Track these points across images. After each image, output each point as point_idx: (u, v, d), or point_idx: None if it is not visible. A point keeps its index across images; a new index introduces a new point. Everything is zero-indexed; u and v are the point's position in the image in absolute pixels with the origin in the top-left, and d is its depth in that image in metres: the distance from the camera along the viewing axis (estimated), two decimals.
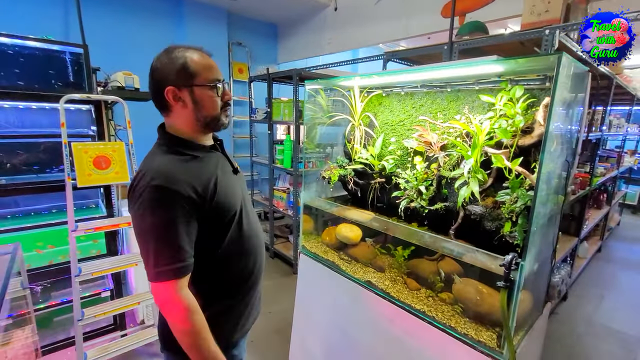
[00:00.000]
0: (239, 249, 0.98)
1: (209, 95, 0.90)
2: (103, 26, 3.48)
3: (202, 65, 0.90)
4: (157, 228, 0.79)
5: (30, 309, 1.25)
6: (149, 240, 0.80)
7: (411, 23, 3.28)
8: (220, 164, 0.98)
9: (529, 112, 1.29)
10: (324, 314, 1.82)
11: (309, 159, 2.84)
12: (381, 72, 1.45)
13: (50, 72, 1.87)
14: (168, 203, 0.79)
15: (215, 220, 0.90)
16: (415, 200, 1.60)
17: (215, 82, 0.91)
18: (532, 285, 1.29)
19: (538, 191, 1.04)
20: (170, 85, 0.87)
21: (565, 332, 2.51)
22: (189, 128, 0.93)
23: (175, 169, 0.85)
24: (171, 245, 0.80)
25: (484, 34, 1.79)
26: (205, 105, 0.91)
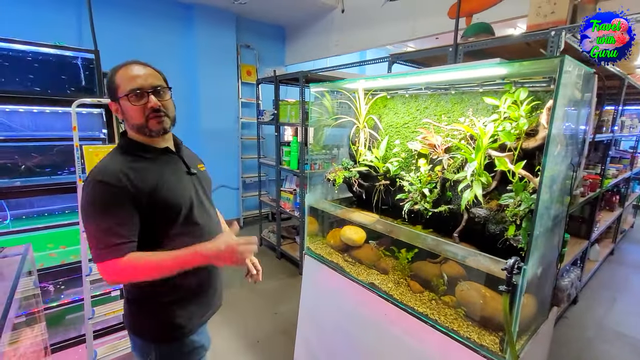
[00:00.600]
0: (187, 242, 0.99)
1: (129, 106, 0.96)
2: (115, 32, 3.57)
3: (123, 78, 0.96)
4: (98, 216, 0.89)
5: (40, 308, 1.29)
6: (90, 227, 0.89)
7: (418, 24, 3.27)
8: (171, 164, 1.06)
9: (533, 114, 1.28)
10: (328, 315, 1.84)
11: (315, 161, 2.85)
12: (385, 74, 1.45)
13: (64, 77, 1.93)
14: (105, 193, 0.88)
15: (158, 212, 0.97)
16: (419, 203, 1.60)
17: (130, 92, 0.94)
18: (536, 289, 1.28)
19: (541, 194, 1.03)
20: (110, 100, 1.00)
21: (575, 336, 2.46)
22: (135, 134, 1.01)
23: (117, 165, 0.93)
24: (110, 230, 0.88)
25: (489, 36, 1.78)
26: (129, 116, 0.97)
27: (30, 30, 3.07)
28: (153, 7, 3.85)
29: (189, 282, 1.06)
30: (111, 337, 2.12)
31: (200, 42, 4.13)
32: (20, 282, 0.93)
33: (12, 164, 1.95)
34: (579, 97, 1.23)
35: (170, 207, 0.99)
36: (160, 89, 1.00)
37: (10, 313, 0.81)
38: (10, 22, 3.04)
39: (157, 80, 1.00)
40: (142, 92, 0.95)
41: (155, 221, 0.97)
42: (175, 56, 4.12)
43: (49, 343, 1.36)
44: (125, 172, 0.92)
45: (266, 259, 3.78)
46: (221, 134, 4.55)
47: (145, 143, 1.02)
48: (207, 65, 4.24)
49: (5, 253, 1.09)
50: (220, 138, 4.54)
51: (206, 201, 1.14)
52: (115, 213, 0.89)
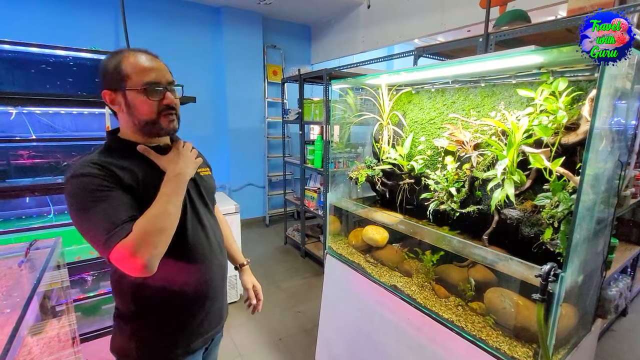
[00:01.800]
0: (175, 257, 0.90)
1: (140, 99, 0.86)
2: (148, 37, 3.74)
3: (135, 68, 0.86)
4: (83, 208, 0.77)
5: (68, 300, 1.36)
6: (83, 224, 0.78)
7: (448, 16, 3.12)
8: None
9: (574, 106, 1.17)
10: (349, 316, 1.80)
11: (339, 159, 2.81)
12: (408, 68, 1.39)
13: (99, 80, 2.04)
14: (85, 183, 0.78)
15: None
16: (445, 203, 1.52)
17: (146, 86, 0.85)
18: (576, 298, 1.16)
19: (582, 194, 0.93)
20: (105, 89, 0.87)
21: (623, 351, 2.24)
22: (132, 132, 0.91)
23: (101, 161, 0.83)
24: (104, 216, 0.76)
25: (525, 23, 1.65)
26: (138, 110, 0.87)
27: (71, 36, 3.29)
28: (183, 12, 4.00)
29: (177, 304, 0.94)
30: None
31: (227, 44, 4.24)
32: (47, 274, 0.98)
33: (55, 162, 2.09)
34: (629, 86, 1.10)
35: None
36: (175, 85, 0.93)
37: (33, 304, 0.85)
38: (52, 29, 3.29)
39: (171, 76, 0.93)
40: (159, 86, 0.87)
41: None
42: (203, 59, 4.25)
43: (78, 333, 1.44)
44: (106, 164, 0.82)
45: (291, 258, 3.80)
46: (248, 133, 4.64)
47: (133, 141, 0.91)
48: (234, 66, 4.34)
49: (38, 245, 1.15)
50: (247, 137, 4.63)
51: (202, 208, 1.01)
52: (105, 198, 0.77)
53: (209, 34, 4.25)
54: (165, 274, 0.87)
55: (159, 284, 0.90)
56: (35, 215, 2.20)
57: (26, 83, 1.93)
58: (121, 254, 0.74)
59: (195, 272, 0.96)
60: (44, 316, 1.07)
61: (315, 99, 3.48)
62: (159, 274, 0.82)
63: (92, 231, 0.77)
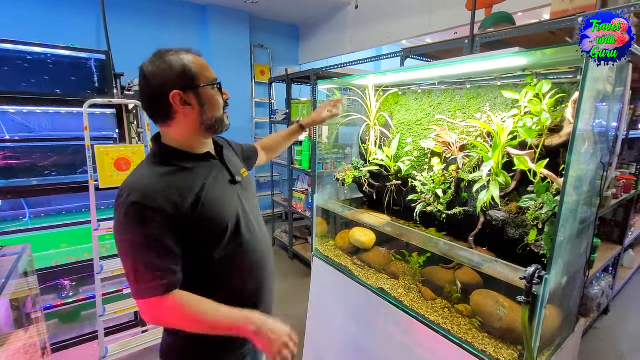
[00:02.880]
0: (235, 265, 0.91)
1: (212, 95, 0.88)
2: (131, 33, 3.65)
3: (201, 66, 0.88)
4: (135, 246, 0.76)
5: (37, 309, 1.30)
6: (128, 258, 0.77)
7: (435, 17, 3.14)
8: (213, 174, 0.91)
9: (557, 109, 1.17)
10: (336, 320, 1.78)
11: (327, 160, 2.79)
12: (394, 69, 1.38)
13: (77, 78, 1.97)
14: (144, 220, 0.76)
15: (201, 233, 0.84)
16: (432, 204, 1.51)
17: (215, 81, 0.89)
18: (560, 300, 1.16)
19: (565, 196, 0.93)
20: (175, 89, 0.82)
21: (606, 349, 2.28)
22: (191, 134, 0.88)
23: (154, 182, 0.80)
24: (151, 264, 0.76)
25: (510, 25, 1.66)
26: (211, 106, 0.88)
27: (51, 34, 3.18)
28: (168, 9, 3.91)
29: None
30: (123, 335, 2.15)
31: (214, 43, 4.17)
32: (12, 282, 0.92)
33: (30, 164, 2.01)
34: (610, 89, 1.11)
35: (215, 225, 0.85)
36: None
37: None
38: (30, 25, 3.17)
39: None
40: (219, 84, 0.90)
41: (199, 242, 0.84)
42: None
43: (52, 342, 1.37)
44: (161, 188, 0.79)
45: (279, 260, 3.76)
46: (235, 133, 4.53)
47: (187, 150, 0.89)
48: (221, 65, 4.27)
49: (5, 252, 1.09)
50: (234, 138, 4.47)
51: (252, 211, 1.00)
52: (154, 243, 0.76)
53: (195, 32, 4.17)
54: (221, 282, 0.90)
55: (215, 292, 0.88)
56: (10, 219, 2.11)
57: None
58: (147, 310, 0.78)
59: (249, 281, 0.96)
60: (13, 326, 1.00)
61: (303, 99, 3.45)
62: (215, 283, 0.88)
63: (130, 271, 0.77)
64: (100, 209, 2.31)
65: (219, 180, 0.92)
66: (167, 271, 0.78)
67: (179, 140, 0.88)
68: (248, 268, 0.95)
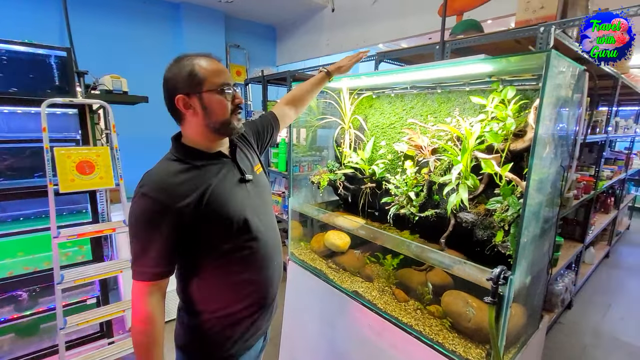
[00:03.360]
0: (243, 259, 0.95)
1: (217, 100, 0.89)
2: (98, 30, 3.48)
3: (209, 71, 0.89)
4: (138, 233, 0.85)
5: None
6: (132, 242, 0.86)
7: (408, 23, 3.21)
8: (222, 172, 0.95)
9: (521, 114, 1.22)
10: (311, 323, 1.76)
11: (303, 163, 2.78)
12: (366, 73, 1.38)
13: (35, 76, 1.84)
14: (151, 212, 0.83)
15: (207, 230, 0.89)
16: (405, 207, 1.53)
17: (223, 87, 0.89)
18: (525, 299, 1.21)
19: (528, 199, 0.96)
20: (180, 94, 0.87)
21: (570, 343, 2.40)
22: (201, 136, 0.93)
23: (165, 178, 0.86)
24: (146, 252, 0.84)
25: (478, 33, 1.71)
26: (215, 111, 0.90)
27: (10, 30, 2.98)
28: (138, 6, 3.77)
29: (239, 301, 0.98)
30: (86, 348, 2.04)
31: (187, 42, 4.06)
32: None
33: None
34: (569, 95, 1.16)
35: (220, 222, 0.90)
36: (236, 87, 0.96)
37: None
38: None
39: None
40: (231, 87, 0.91)
41: (205, 237, 0.90)
42: (162, 56, 4.03)
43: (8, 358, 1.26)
44: (170, 183, 0.85)
45: None
46: None
47: (201, 149, 0.93)
48: None
49: None
50: None
51: (263, 210, 1.03)
52: (153, 234, 0.84)
53: (168, 30, 4.04)
54: (229, 275, 0.95)
55: (223, 284, 0.95)
56: None
57: None
58: (133, 290, 0.87)
59: (256, 273, 0.99)
60: None
61: None
62: (225, 276, 0.94)
63: (132, 252, 0.86)
64: (62, 215, 2.19)
65: (228, 179, 0.95)
66: (159, 261, 0.85)
67: (192, 140, 0.93)
68: (256, 262, 0.98)
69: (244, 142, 1.12)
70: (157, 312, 0.87)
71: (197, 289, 0.95)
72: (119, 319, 2.41)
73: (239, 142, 1.07)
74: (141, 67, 3.76)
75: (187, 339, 1.00)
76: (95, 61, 2.49)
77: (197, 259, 0.92)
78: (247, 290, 0.98)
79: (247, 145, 1.13)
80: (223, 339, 0.97)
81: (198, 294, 0.95)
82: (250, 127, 1.20)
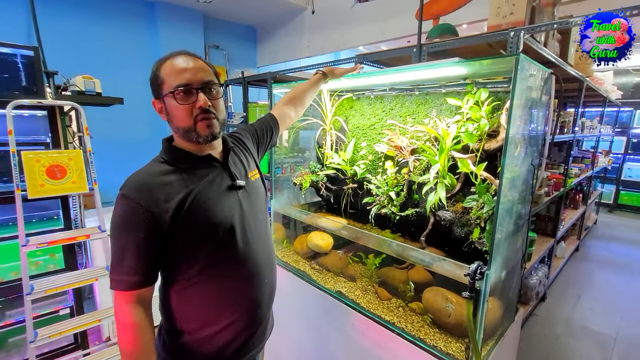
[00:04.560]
0: (225, 277, 0.88)
1: (174, 105, 0.80)
2: (69, 29, 3.34)
3: (168, 72, 0.81)
4: (115, 237, 0.80)
5: None
6: (111, 248, 0.81)
7: (387, 26, 3.27)
8: (209, 177, 0.87)
9: (494, 115, 1.27)
10: (296, 324, 1.75)
11: (285, 164, 2.77)
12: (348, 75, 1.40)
13: (0, 76, 1.75)
14: (128, 215, 0.78)
15: (189, 238, 0.82)
16: (386, 207, 1.56)
17: (177, 89, 0.79)
18: (501, 293, 1.25)
19: (501, 197, 1.00)
20: (154, 98, 0.84)
21: (544, 334, 2.50)
22: (181, 139, 0.87)
23: (147, 180, 0.81)
24: (122, 258, 0.79)
25: (453, 36, 1.77)
26: (174, 117, 0.82)
27: None
28: (112, 4, 3.65)
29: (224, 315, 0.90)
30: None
31: (163, 41, 3.96)
32: None
33: None
34: (538, 97, 1.22)
35: (202, 231, 0.83)
36: (211, 85, 0.84)
37: None
38: None
39: (207, 74, 0.83)
40: (189, 88, 0.80)
41: (184, 246, 0.82)
42: (137, 56, 3.93)
43: None
44: (151, 184, 0.80)
45: None
46: None
47: (188, 151, 0.87)
48: None
49: None
50: None
51: (253, 219, 0.95)
52: (130, 238, 0.78)
53: (142, 29, 3.93)
54: (211, 291, 0.87)
55: (205, 302, 0.88)
56: None
57: None
58: (114, 300, 0.81)
59: (242, 291, 0.92)
60: None
61: (260, 102, 3.40)
62: (206, 292, 0.86)
63: (112, 257, 0.81)
64: (31, 222, 2.08)
65: (216, 184, 0.88)
66: (136, 269, 0.79)
67: (180, 142, 0.88)
68: (242, 278, 0.91)
69: (240, 146, 1.05)
70: (143, 320, 0.81)
71: (176, 306, 0.88)
72: (95, 328, 2.32)
73: (234, 145, 1.00)
74: (115, 68, 3.64)
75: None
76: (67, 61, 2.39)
77: (176, 272, 0.84)
78: (230, 309, 0.90)
79: (244, 149, 1.06)
80: (207, 355, 0.90)
81: (178, 311, 0.88)
82: (248, 131, 1.15)
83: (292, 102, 1.32)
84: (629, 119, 5.92)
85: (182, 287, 0.86)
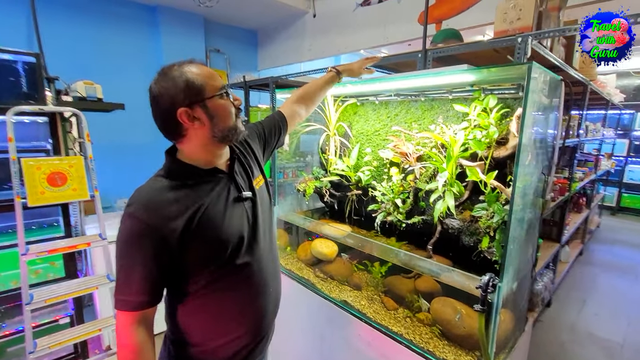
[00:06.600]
0: (234, 289, 0.87)
1: (221, 104, 0.82)
2: (70, 34, 3.32)
3: (205, 76, 0.81)
4: (122, 257, 0.78)
5: None
6: (117, 267, 0.79)
7: (390, 30, 3.25)
8: (216, 191, 0.86)
9: (503, 122, 1.25)
10: (300, 335, 1.72)
11: (287, 169, 2.75)
12: (351, 80, 1.38)
13: (1, 82, 1.72)
14: (135, 235, 0.77)
15: (198, 253, 0.81)
16: (392, 214, 1.53)
17: (223, 90, 0.83)
18: (512, 304, 1.23)
19: (514, 207, 0.98)
20: (181, 107, 0.78)
21: (549, 340, 2.47)
22: (202, 149, 0.84)
23: (154, 196, 0.79)
24: (129, 278, 0.77)
25: (458, 42, 1.75)
26: (221, 117, 0.82)
27: None
28: (113, 9, 3.64)
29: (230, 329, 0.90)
30: None
31: (165, 46, 3.95)
32: None
33: None
34: (548, 103, 1.20)
35: (212, 245, 0.82)
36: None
37: None
38: None
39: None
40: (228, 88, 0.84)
41: (194, 261, 0.81)
42: (139, 61, 3.90)
43: None
44: (159, 202, 0.78)
45: None
46: None
47: (194, 165, 0.85)
48: None
49: None
50: None
51: (260, 229, 0.93)
52: (138, 258, 0.77)
53: (144, 34, 3.91)
54: (218, 305, 0.87)
55: (212, 314, 0.87)
56: None
57: None
58: (117, 320, 0.80)
59: (249, 302, 0.91)
60: None
61: (262, 106, 3.39)
62: (212, 305, 0.86)
63: (117, 277, 0.79)
64: (31, 229, 2.05)
65: (222, 198, 0.87)
66: (141, 289, 0.78)
67: (191, 155, 0.85)
68: (250, 289, 0.90)
69: (246, 150, 1.03)
70: (144, 342, 0.79)
71: (182, 318, 0.87)
72: (96, 337, 2.28)
73: (239, 150, 0.98)
74: (117, 73, 3.62)
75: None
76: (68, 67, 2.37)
77: (185, 285, 0.83)
78: (236, 321, 0.90)
79: (249, 152, 1.04)
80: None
81: (183, 323, 0.87)
82: (255, 130, 1.11)
83: (304, 100, 1.25)
84: (631, 121, 5.91)
85: (189, 300, 0.85)
